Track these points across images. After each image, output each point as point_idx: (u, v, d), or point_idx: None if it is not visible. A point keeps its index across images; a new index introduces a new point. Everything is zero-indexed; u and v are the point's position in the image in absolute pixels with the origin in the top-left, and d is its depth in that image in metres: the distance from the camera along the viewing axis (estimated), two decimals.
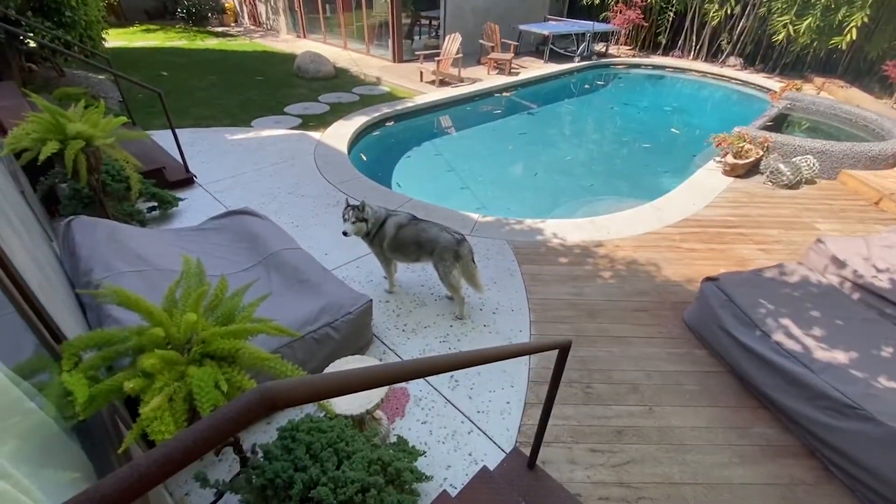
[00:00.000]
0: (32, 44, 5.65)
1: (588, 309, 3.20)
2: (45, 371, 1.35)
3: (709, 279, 3.02)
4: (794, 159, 5.32)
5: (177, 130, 4.49)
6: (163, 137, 5.07)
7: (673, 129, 8.19)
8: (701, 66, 11.17)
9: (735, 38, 10.91)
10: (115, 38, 11.08)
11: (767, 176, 5.35)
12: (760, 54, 10.93)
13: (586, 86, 10.30)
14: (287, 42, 12.34)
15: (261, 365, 1.46)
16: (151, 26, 13.78)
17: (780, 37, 9.39)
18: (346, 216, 2.93)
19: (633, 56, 11.92)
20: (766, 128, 6.30)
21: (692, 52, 11.63)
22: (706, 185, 5.29)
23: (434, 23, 11.44)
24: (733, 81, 10.56)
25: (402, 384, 2.61)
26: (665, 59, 11.73)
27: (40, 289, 1.54)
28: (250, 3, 14.50)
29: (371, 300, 2.64)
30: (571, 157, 6.91)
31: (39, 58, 6.44)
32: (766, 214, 4.67)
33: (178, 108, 6.79)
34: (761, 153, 5.47)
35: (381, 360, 2.70)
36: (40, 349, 1.38)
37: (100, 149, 3.12)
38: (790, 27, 9.20)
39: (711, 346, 2.93)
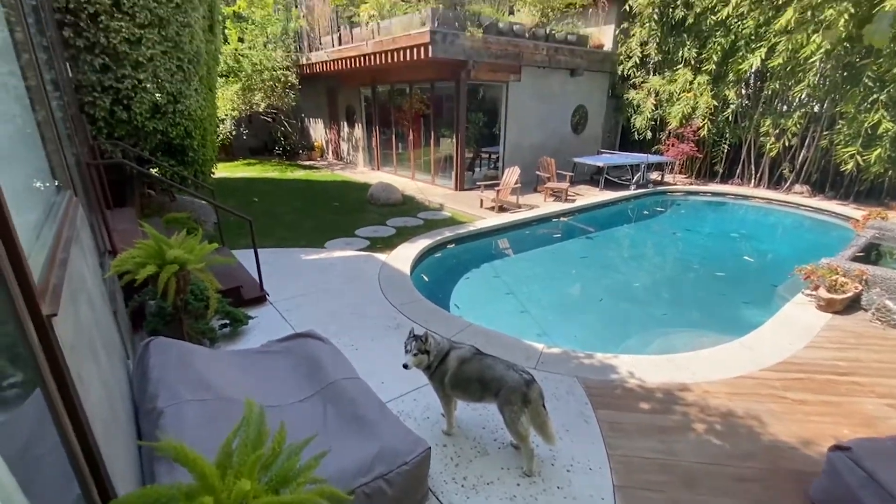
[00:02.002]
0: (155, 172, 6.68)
1: (683, 475, 2.67)
2: None
3: (837, 447, 2.45)
4: None
5: (259, 250, 4.85)
6: (246, 255, 5.47)
7: (746, 257, 7.76)
8: (764, 192, 10.98)
9: (797, 166, 10.80)
10: (221, 171, 12.99)
11: (874, 313, 4.72)
12: (829, 182, 10.63)
13: (644, 212, 10.34)
14: (363, 173, 13.83)
15: None
16: (252, 160, 16.16)
17: (849, 167, 9.15)
18: (408, 347, 2.81)
19: (690, 184, 12.03)
20: (856, 259, 5.79)
21: (753, 180, 11.56)
22: (800, 321, 4.73)
23: (493, 156, 12.47)
24: (803, 208, 10.18)
25: None
26: (724, 186, 11.72)
27: (104, 433, 1.47)
28: (335, 141, 16.77)
29: (429, 448, 2.35)
30: (638, 283, 6.62)
31: (158, 185, 7.56)
32: (885, 360, 3.98)
33: (263, 229, 7.48)
34: (860, 287, 4.91)
35: None
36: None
37: (190, 272, 3.35)
38: (858, 157, 8.99)
39: None
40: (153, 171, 6.65)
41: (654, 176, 12.29)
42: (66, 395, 1.25)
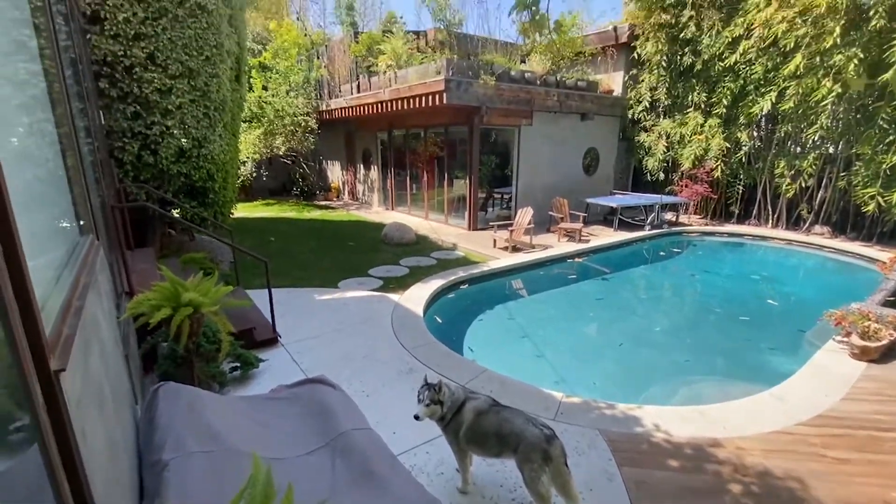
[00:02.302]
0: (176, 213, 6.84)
1: None
2: None
3: None
4: None
5: (273, 290, 4.84)
6: (261, 295, 5.46)
7: (769, 301, 7.51)
8: (783, 233, 10.78)
9: (816, 207, 10.64)
10: (240, 210, 13.30)
11: None
12: (850, 223, 10.40)
13: (661, 252, 10.20)
14: (377, 213, 14.03)
15: None
16: (271, 201, 16.57)
17: (870, 208, 8.97)
18: (421, 396, 2.69)
19: (706, 224, 11.90)
20: (887, 304, 5.54)
21: (770, 221, 11.39)
22: (834, 371, 4.47)
23: (506, 196, 12.58)
24: (825, 249, 9.92)
25: None
26: (741, 227, 11.56)
27: (104, 493, 1.39)
28: (351, 182, 17.17)
29: None
30: (658, 326, 6.41)
31: (178, 225, 7.72)
32: None
33: (278, 268, 7.53)
34: (895, 335, 4.66)
35: None
36: None
37: (204, 315, 3.33)
38: (879, 198, 8.82)
39: None
40: (175, 212, 6.83)
41: (669, 216, 12.20)
42: (67, 454, 1.19)
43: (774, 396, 4.00)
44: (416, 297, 6.25)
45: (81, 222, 2.46)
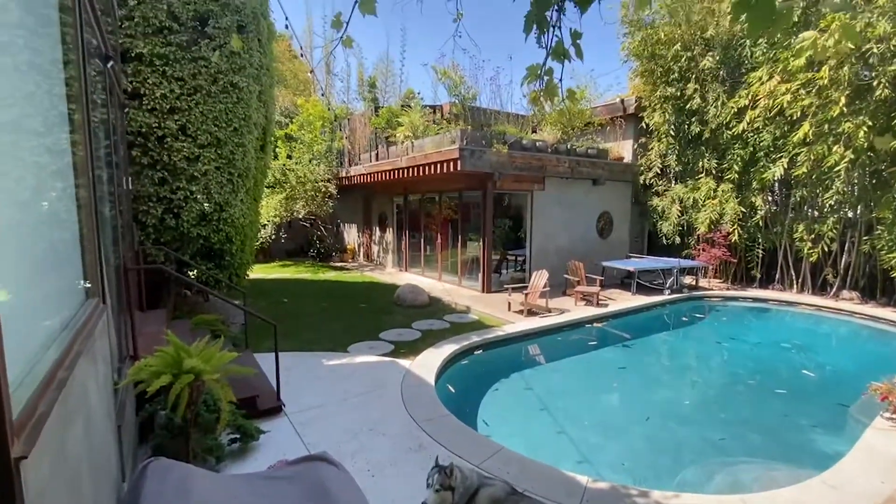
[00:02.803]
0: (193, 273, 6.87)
1: None
2: None
3: None
4: None
5: (281, 354, 4.68)
6: (270, 359, 5.27)
7: (805, 371, 7.00)
8: (810, 298, 10.32)
9: (841, 272, 10.26)
10: (257, 271, 13.46)
11: None
12: (879, 288, 9.95)
13: (683, 318, 9.79)
14: (391, 275, 14.03)
15: None
16: (288, 262, 16.80)
17: None
18: (430, 481, 2.43)
19: (728, 289, 11.53)
20: None
21: (794, 286, 10.98)
22: (888, 453, 3.99)
23: (520, 258, 12.52)
24: (857, 316, 9.40)
25: None
26: (764, 291, 11.15)
27: None
28: (366, 244, 17.42)
29: None
30: (687, 399, 5.96)
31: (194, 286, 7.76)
32: None
33: (289, 330, 7.40)
34: None
35: None
36: None
37: (205, 382, 3.17)
38: None
39: None
40: (192, 273, 6.89)
41: (688, 280, 11.89)
42: None
43: (825, 483, 3.55)
44: (427, 363, 5.99)
45: (88, 285, 2.42)
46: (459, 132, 9.92)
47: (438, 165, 10.06)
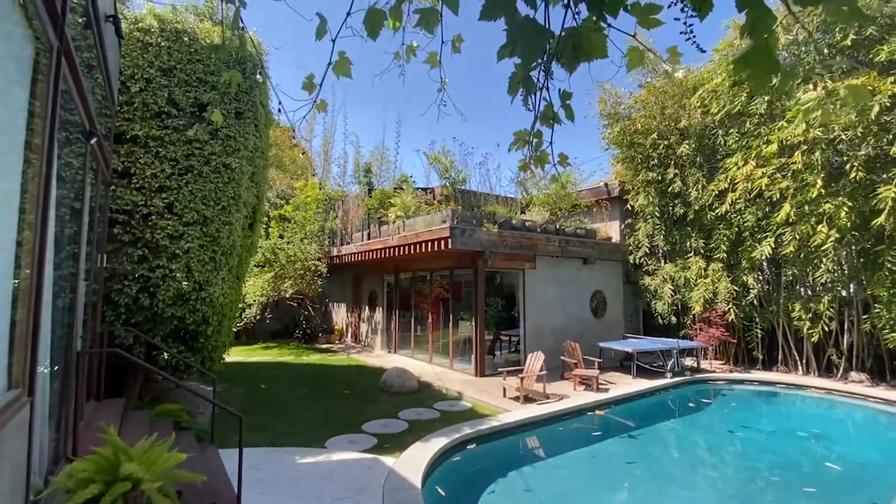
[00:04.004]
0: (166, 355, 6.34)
1: None
2: None
3: None
4: None
5: (251, 450, 4.15)
6: (235, 456, 4.64)
7: (828, 464, 6.37)
8: (818, 381, 9.82)
9: (846, 352, 9.90)
10: (238, 354, 12.75)
11: None
12: (888, 368, 9.54)
13: (690, 404, 9.17)
14: (379, 357, 13.36)
15: None
16: (271, 344, 16.05)
17: None
18: None
19: (730, 371, 11.02)
20: None
21: (799, 367, 10.53)
22: None
23: (514, 339, 12.04)
24: (870, 400, 8.88)
25: None
26: (769, 374, 10.65)
27: None
28: (355, 324, 16.86)
29: None
30: (706, 499, 5.26)
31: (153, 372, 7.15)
32: None
33: (262, 421, 6.73)
34: None
35: None
36: None
37: (144, 493, 2.65)
38: None
39: None
40: (165, 355, 6.37)
41: (689, 362, 11.40)
42: None
43: None
44: (414, 461, 5.32)
45: (11, 376, 2.06)
46: (450, 212, 10.04)
47: (429, 244, 10.03)
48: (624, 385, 9.48)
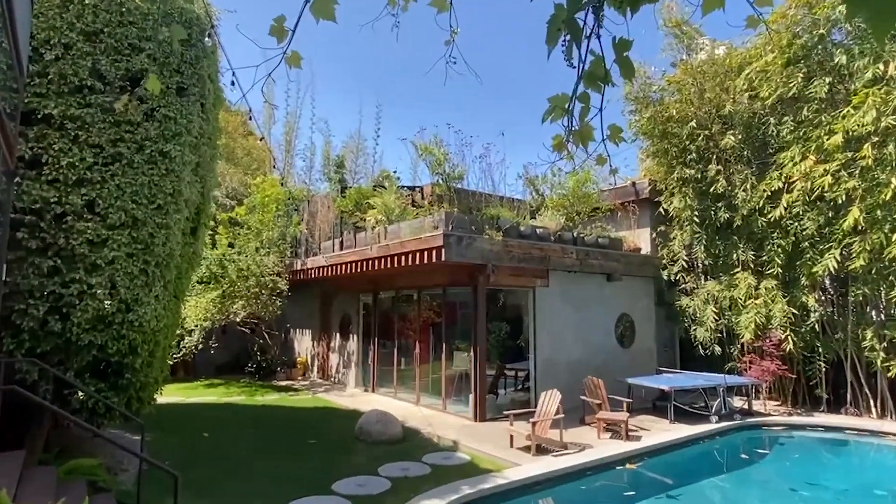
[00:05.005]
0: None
1: None
2: None
3: None
4: None
5: None
6: None
7: None
8: None
9: None
10: (173, 393, 12.41)
11: None
12: None
13: (741, 455, 9.10)
14: (353, 397, 13.13)
15: None
16: (215, 381, 15.72)
17: None
18: None
19: (789, 414, 10.98)
20: None
21: (873, 409, 10.51)
22: None
23: (521, 374, 11.90)
24: None
25: None
26: (835, 417, 10.62)
27: None
28: (322, 356, 16.60)
29: None
30: None
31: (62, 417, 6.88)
32: None
33: (204, 480, 6.51)
34: None
35: None
36: None
37: None
38: None
39: None
40: (80, 394, 6.12)
41: (739, 402, 11.32)
42: None
43: None
44: None
45: None
46: (444, 215, 9.95)
47: (418, 255, 9.91)
48: (659, 431, 9.37)
